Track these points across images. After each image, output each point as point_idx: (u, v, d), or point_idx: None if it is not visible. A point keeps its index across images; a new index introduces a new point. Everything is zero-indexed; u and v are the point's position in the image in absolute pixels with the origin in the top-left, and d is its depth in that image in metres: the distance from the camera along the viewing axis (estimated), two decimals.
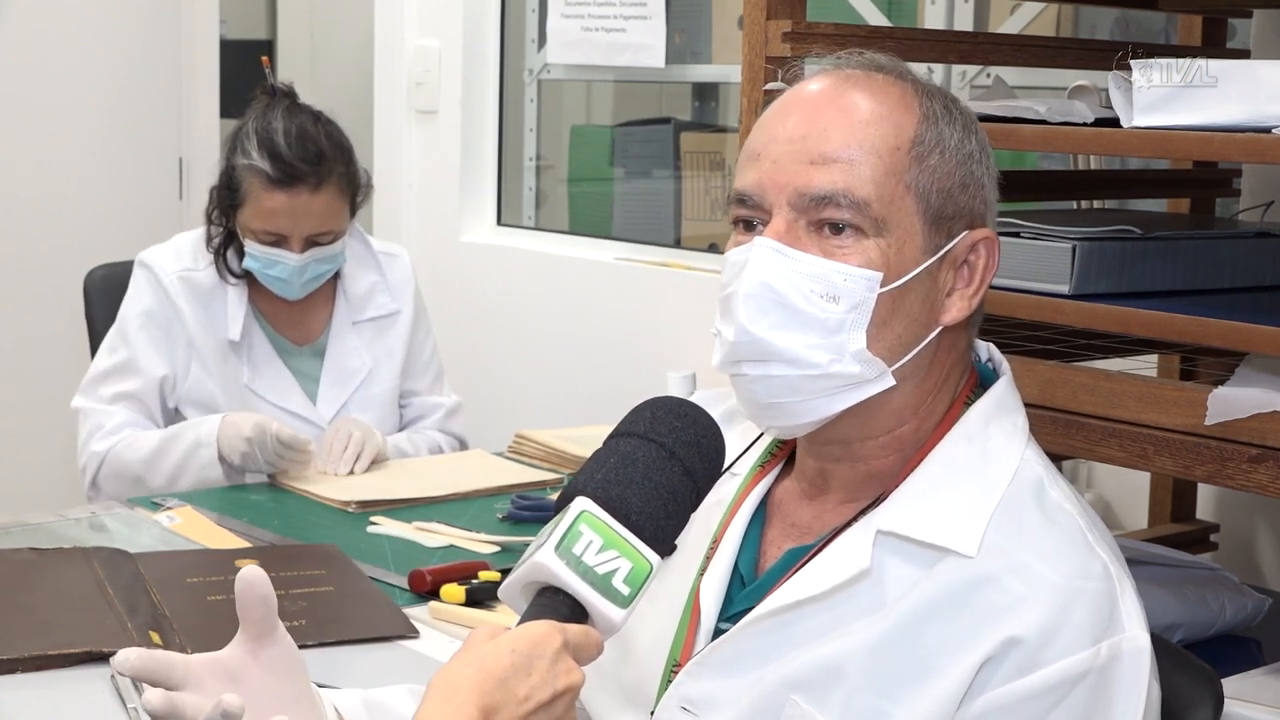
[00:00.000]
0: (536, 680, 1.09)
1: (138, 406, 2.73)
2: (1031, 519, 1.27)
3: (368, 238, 2.91)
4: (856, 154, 1.28)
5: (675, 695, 1.32)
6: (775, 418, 1.32)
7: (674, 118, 4.13)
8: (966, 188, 1.32)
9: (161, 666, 1.26)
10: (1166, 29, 2.91)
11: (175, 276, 2.74)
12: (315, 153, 2.64)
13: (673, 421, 1.24)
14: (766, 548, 1.38)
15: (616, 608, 1.15)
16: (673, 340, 3.39)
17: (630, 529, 1.17)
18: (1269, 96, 1.49)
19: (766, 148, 1.31)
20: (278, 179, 2.63)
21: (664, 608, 1.38)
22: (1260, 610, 2.01)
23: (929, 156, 1.29)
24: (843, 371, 1.28)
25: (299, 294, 2.74)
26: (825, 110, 1.30)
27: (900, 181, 1.28)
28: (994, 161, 1.37)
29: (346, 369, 2.84)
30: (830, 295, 1.27)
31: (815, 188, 1.27)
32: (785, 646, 1.28)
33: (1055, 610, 1.20)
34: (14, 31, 4.03)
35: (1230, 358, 1.67)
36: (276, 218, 2.65)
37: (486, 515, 2.46)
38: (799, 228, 1.28)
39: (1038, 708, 1.20)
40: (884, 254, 1.27)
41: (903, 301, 1.29)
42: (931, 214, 1.29)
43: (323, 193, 2.65)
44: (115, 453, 2.67)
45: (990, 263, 1.33)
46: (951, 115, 1.33)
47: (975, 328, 1.38)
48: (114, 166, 4.16)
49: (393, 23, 4.12)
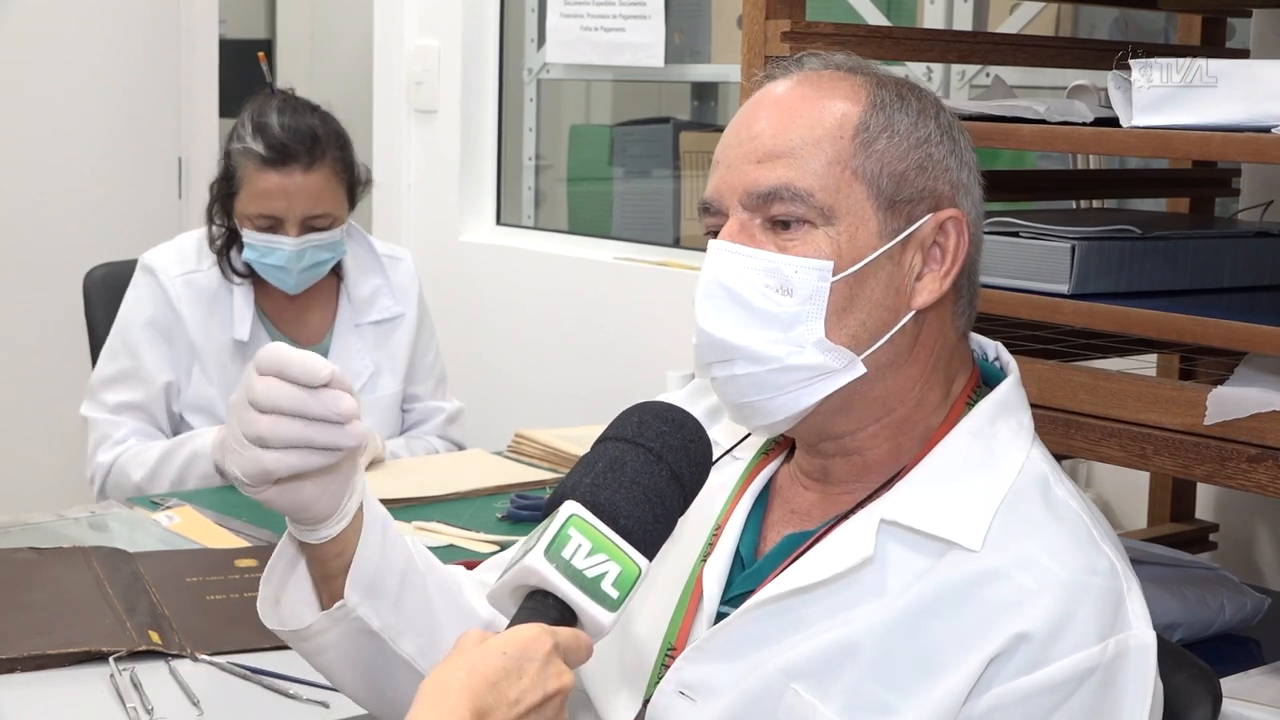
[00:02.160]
0: (527, 683, 1.10)
1: (143, 416, 2.74)
2: (1038, 515, 1.27)
3: (371, 240, 2.91)
4: (798, 147, 1.29)
5: (673, 680, 1.32)
6: (751, 417, 1.33)
7: (673, 117, 4.13)
8: (925, 170, 1.31)
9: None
10: (1166, 28, 2.91)
11: (179, 279, 2.74)
12: (308, 133, 2.65)
13: (660, 426, 1.24)
14: (766, 532, 1.39)
15: (605, 611, 1.16)
16: (672, 340, 3.38)
17: (619, 533, 1.18)
18: (1268, 96, 1.49)
19: (723, 153, 1.34)
20: (270, 158, 2.63)
21: (664, 590, 1.38)
22: (1260, 610, 2.01)
23: (875, 142, 1.30)
24: (805, 363, 1.28)
25: (297, 285, 2.72)
26: (772, 110, 1.33)
27: (846, 169, 1.29)
28: (965, 144, 1.36)
29: (349, 372, 2.81)
30: (784, 289, 1.28)
31: (760, 185, 1.29)
32: (785, 632, 1.28)
33: (1063, 606, 1.21)
34: (14, 31, 4.03)
35: (1230, 357, 1.67)
36: (271, 198, 2.64)
37: (486, 515, 2.46)
38: (753, 227, 1.30)
39: (1045, 703, 1.20)
40: (834, 242, 1.28)
41: (861, 288, 1.29)
42: (884, 199, 1.30)
43: (316, 172, 2.65)
44: (119, 464, 2.69)
45: (961, 242, 1.32)
46: (905, 101, 1.33)
47: (965, 317, 1.37)
48: (114, 166, 4.16)
49: (392, 22, 4.12)
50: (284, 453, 1.23)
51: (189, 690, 1.76)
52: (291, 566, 1.39)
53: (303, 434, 1.23)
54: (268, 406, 1.22)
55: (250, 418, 1.23)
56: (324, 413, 1.22)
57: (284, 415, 1.22)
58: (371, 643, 1.37)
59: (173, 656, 1.84)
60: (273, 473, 1.24)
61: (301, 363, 1.22)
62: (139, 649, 1.83)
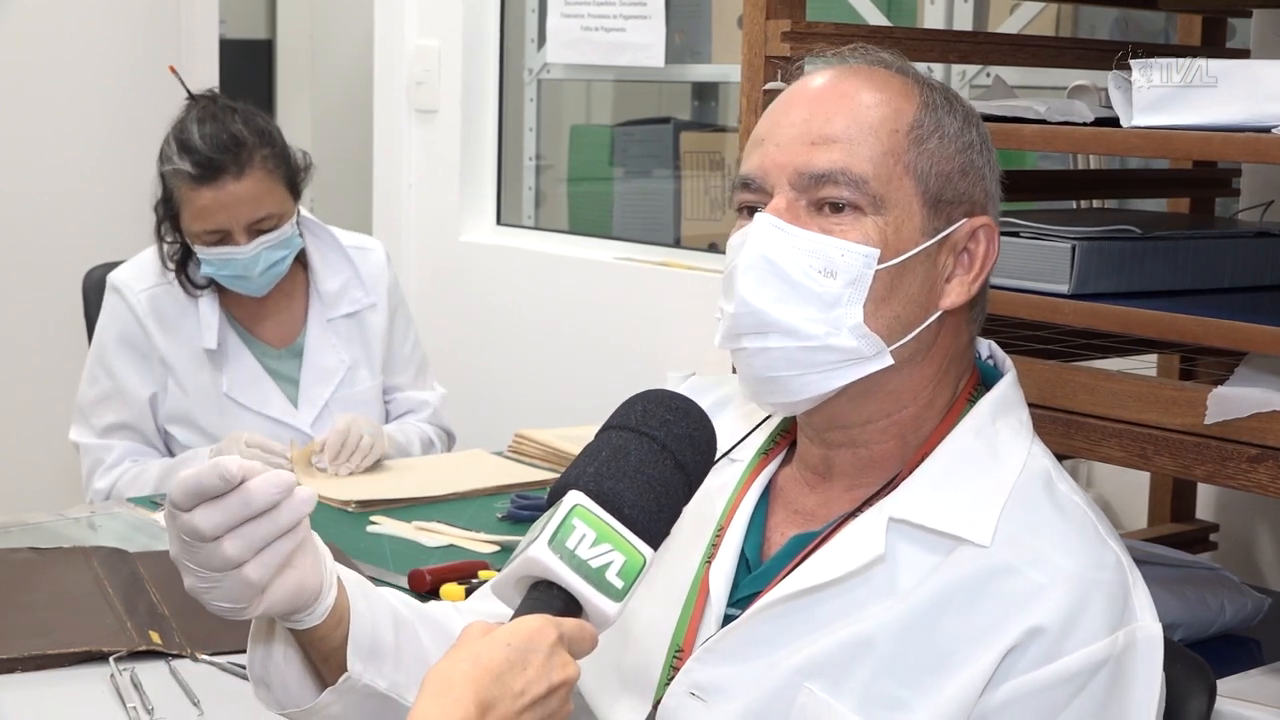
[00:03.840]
0: (532, 674, 1.10)
1: (132, 435, 2.74)
2: (1043, 511, 1.28)
3: (336, 233, 2.88)
4: (855, 135, 1.30)
5: (684, 681, 1.32)
6: (774, 393, 1.33)
7: (674, 117, 4.13)
8: (966, 175, 1.33)
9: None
10: (1166, 29, 2.91)
11: (144, 295, 2.73)
12: (230, 141, 2.61)
13: (664, 414, 1.24)
14: (770, 533, 1.39)
15: (611, 601, 1.15)
16: (673, 339, 3.39)
17: (623, 522, 1.17)
18: (1268, 96, 1.49)
19: (770, 133, 1.34)
20: (199, 175, 2.60)
21: (665, 594, 1.38)
22: (1260, 610, 2.01)
23: (928, 140, 1.32)
24: (840, 345, 1.29)
25: (262, 288, 2.71)
26: (827, 97, 1.33)
27: (899, 162, 1.30)
28: (995, 157, 1.39)
29: (324, 369, 2.82)
30: (828, 270, 1.28)
31: (814, 166, 1.30)
32: (797, 632, 1.28)
33: (1075, 600, 1.22)
34: (14, 31, 4.03)
35: (1230, 357, 1.67)
36: (211, 214, 2.62)
37: (486, 515, 2.46)
38: (799, 207, 1.31)
39: (1059, 695, 1.21)
40: (881, 231, 1.29)
41: (901, 281, 1.30)
42: (930, 197, 1.31)
43: (248, 177, 2.62)
44: (118, 490, 2.69)
45: (990, 250, 1.34)
46: (952, 106, 1.35)
47: (978, 323, 1.39)
48: (113, 166, 4.15)
49: (393, 22, 4.12)
50: (258, 558, 1.21)
51: (189, 690, 1.76)
52: (268, 652, 1.36)
53: (265, 531, 1.21)
54: (218, 533, 1.20)
55: (208, 552, 1.21)
56: (267, 501, 1.20)
57: (239, 529, 1.21)
58: (379, 703, 1.35)
59: (173, 656, 1.84)
60: (259, 582, 1.22)
61: (210, 475, 1.19)
62: (139, 649, 1.83)
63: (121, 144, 4.16)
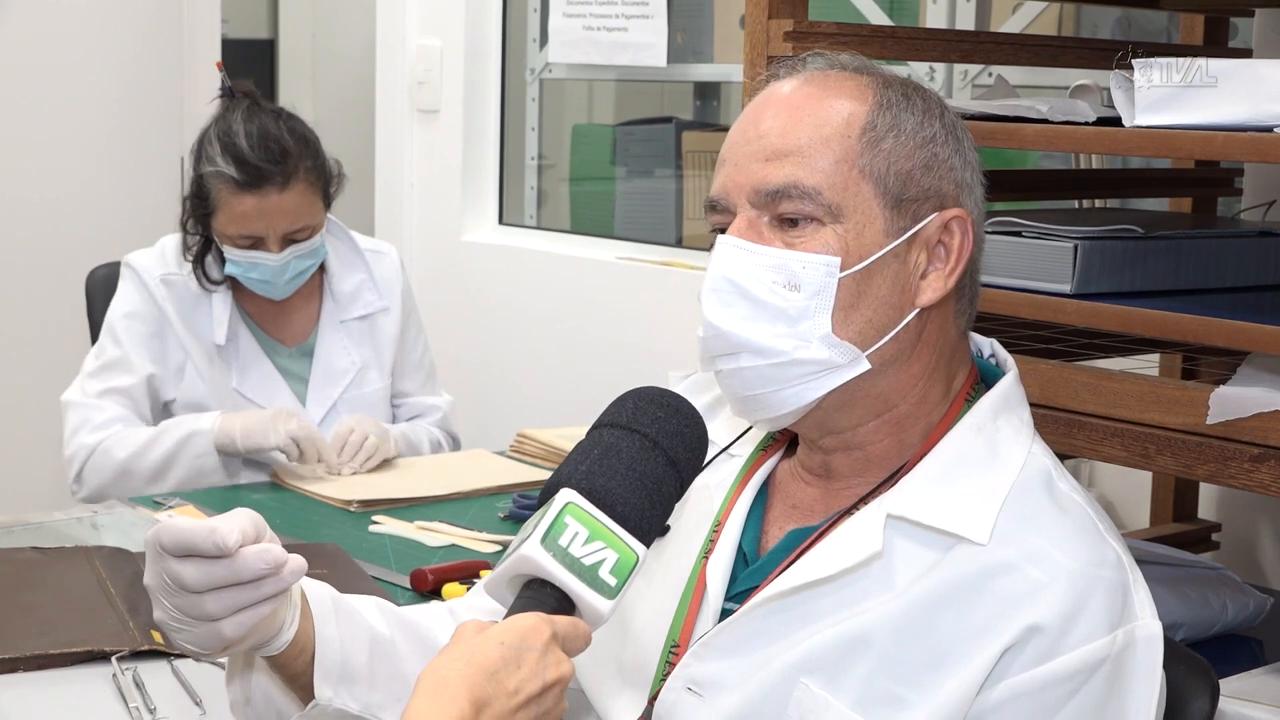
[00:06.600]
0: (526, 673, 1.10)
1: (127, 403, 2.71)
2: (1043, 508, 1.28)
3: (353, 236, 2.89)
4: (806, 145, 1.30)
5: (681, 676, 1.32)
6: (755, 410, 1.34)
7: (676, 117, 4.13)
8: (930, 169, 1.32)
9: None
10: (1168, 28, 2.91)
11: (159, 280, 2.73)
12: (279, 151, 2.62)
13: (655, 412, 1.24)
14: (768, 528, 1.39)
15: (604, 599, 1.16)
16: (674, 339, 3.38)
17: (616, 520, 1.18)
18: (1270, 96, 1.49)
19: (729, 152, 1.35)
20: (245, 182, 2.61)
21: (663, 588, 1.38)
22: (1262, 610, 2.01)
23: (882, 141, 1.31)
24: (811, 357, 1.29)
25: (284, 293, 2.73)
26: (779, 109, 1.33)
27: (853, 168, 1.30)
28: (969, 145, 1.37)
29: (335, 369, 2.83)
30: (791, 284, 1.29)
31: (769, 183, 1.30)
32: (794, 627, 1.28)
33: (1074, 598, 1.21)
34: (14, 31, 4.03)
35: (1232, 357, 1.67)
36: (249, 221, 2.63)
37: (488, 514, 2.46)
38: (761, 224, 1.31)
39: (1058, 694, 1.20)
40: (842, 239, 1.29)
41: (868, 285, 1.30)
42: (891, 197, 1.31)
43: (292, 189, 2.63)
44: (104, 446, 2.65)
45: (965, 241, 1.33)
46: (910, 101, 1.34)
47: (967, 315, 1.38)
48: (116, 166, 4.16)
49: (394, 22, 4.12)
50: (235, 618, 1.24)
51: (191, 690, 1.76)
52: (248, 669, 1.38)
53: (249, 597, 1.23)
54: (203, 587, 1.22)
55: (189, 601, 1.23)
56: (256, 574, 1.23)
57: (223, 589, 1.23)
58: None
59: (175, 656, 1.84)
60: (232, 640, 1.25)
61: (207, 538, 1.21)
62: (141, 649, 1.83)
63: (124, 144, 4.16)
